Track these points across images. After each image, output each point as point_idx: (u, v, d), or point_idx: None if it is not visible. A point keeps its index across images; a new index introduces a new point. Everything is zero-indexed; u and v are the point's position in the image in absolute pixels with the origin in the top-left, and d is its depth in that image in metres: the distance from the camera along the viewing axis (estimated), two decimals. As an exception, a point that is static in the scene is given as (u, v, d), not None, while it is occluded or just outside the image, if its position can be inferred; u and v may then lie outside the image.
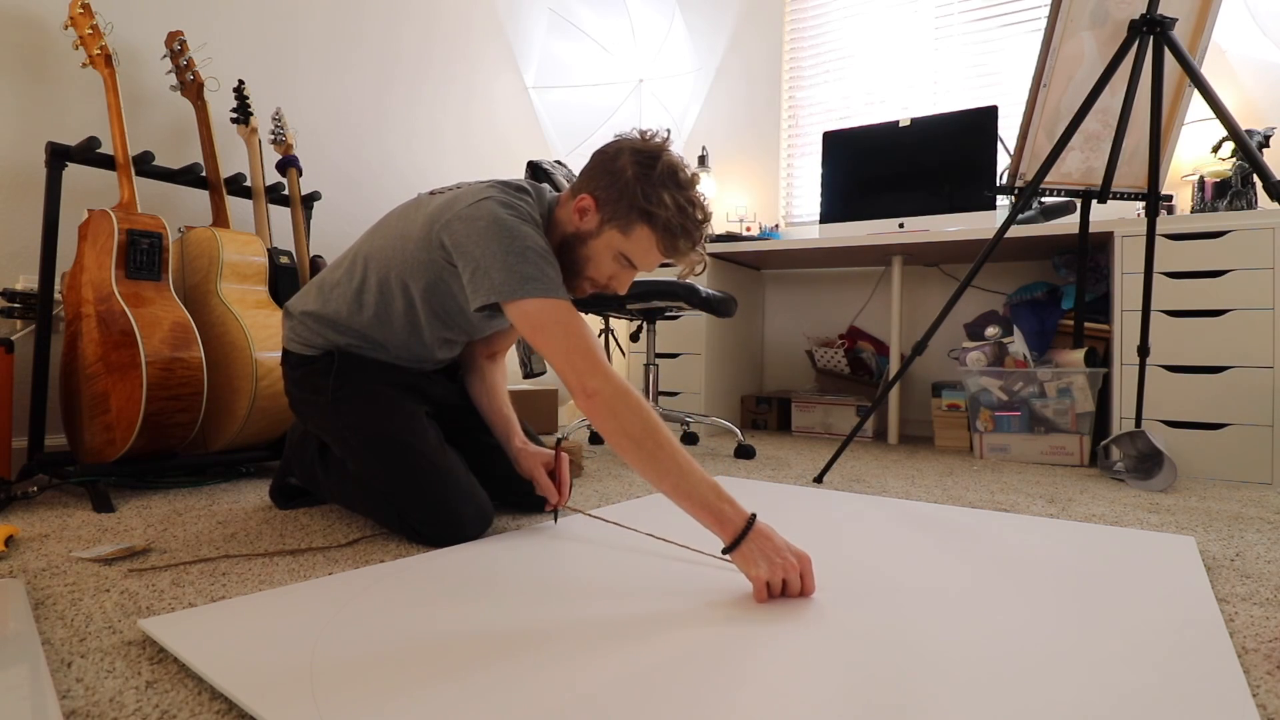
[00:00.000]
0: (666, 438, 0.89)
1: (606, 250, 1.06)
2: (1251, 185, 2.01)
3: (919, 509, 1.38)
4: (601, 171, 1.05)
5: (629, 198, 1.02)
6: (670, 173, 1.02)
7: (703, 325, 2.62)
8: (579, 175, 1.10)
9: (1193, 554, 1.07)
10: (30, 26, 1.63)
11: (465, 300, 1.11)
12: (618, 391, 0.91)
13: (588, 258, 1.08)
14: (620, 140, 1.07)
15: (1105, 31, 1.72)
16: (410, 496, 1.10)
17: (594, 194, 1.05)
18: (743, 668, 0.65)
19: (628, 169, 1.03)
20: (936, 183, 2.50)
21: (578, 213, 1.06)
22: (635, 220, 1.03)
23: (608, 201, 1.04)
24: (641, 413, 0.90)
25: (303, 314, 1.22)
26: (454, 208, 1.04)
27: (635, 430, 0.89)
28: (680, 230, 1.03)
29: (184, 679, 0.63)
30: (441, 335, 1.20)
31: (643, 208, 1.01)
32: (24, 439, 1.53)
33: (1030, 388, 2.12)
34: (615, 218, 1.04)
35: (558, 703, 0.58)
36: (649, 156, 1.03)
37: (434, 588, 0.86)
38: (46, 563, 0.96)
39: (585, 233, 1.07)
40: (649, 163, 1.02)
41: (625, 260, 1.06)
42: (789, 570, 0.83)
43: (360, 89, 2.39)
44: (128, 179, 1.55)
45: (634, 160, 1.03)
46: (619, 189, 1.02)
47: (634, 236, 1.04)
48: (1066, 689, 0.62)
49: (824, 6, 3.03)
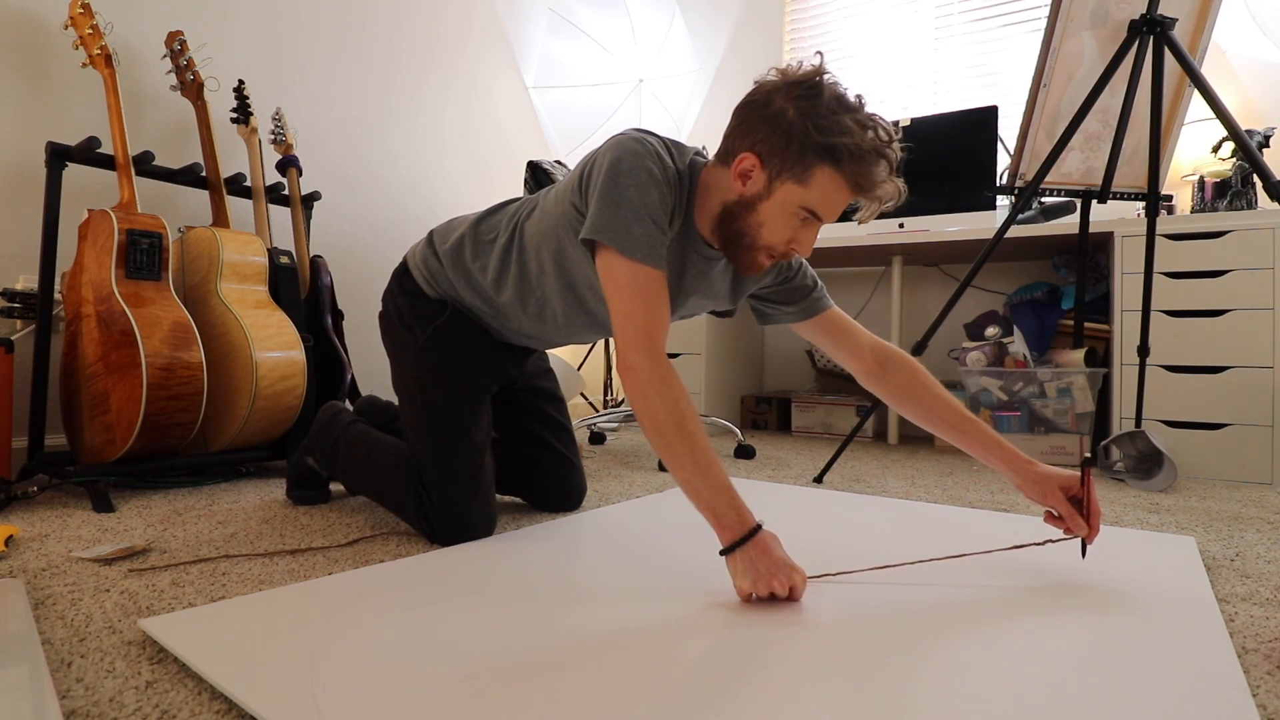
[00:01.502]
0: (692, 431, 0.84)
1: (782, 209, 0.90)
2: (1251, 185, 2.01)
3: (919, 509, 1.38)
4: (757, 122, 0.89)
5: (800, 140, 0.86)
6: (837, 98, 0.87)
7: (703, 325, 2.62)
8: (726, 136, 0.94)
9: (1193, 554, 1.07)
10: (30, 26, 1.63)
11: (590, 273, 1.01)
12: (655, 374, 0.86)
13: (760, 224, 0.92)
14: (763, 83, 0.91)
15: (1105, 31, 1.72)
16: (437, 477, 1.10)
17: (755, 150, 0.89)
18: (742, 669, 0.65)
19: (788, 109, 0.87)
20: (936, 183, 2.50)
21: (739, 177, 0.91)
22: (814, 163, 0.86)
23: (774, 152, 0.88)
24: (672, 401, 0.85)
25: (447, 252, 1.16)
26: (599, 152, 0.95)
27: (660, 416, 0.85)
28: (873, 154, 0.87)
29: (184, 679, 0.63)
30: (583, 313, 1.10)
31: (820, 143, 0.85)
32: (24, 439, 1.53)
33: (1030, 388, 2.12)
34: (787, 168, 0.88)
35: (559, 703, 0.58)
36: (807, 88, 0.87)
37: (434, 588, 0.86)
38: (46, 563, 0.96)
39: (752, 197, 0.91)
40: (811, 94, 0.87)
41: (808, 214, 0.90)
42: (775, 588, 0.80)
43: (360, 89, 2.39)
44: (128, 179, 1.55)
45: (791, 97, 0.88)
46: (784, 134, 0.87)
47: (815, 182, 0.87)
48: (1067, 689, 0.62)
49: (824, 6, 3.03)
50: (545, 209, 1.05)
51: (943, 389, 1.08)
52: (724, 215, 0.94)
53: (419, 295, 1.19)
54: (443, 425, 1.13)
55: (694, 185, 0.97)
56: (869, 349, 1.12)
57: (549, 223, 1.03)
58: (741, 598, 0.82)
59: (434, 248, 1.19)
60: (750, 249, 0.94)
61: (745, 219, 0.92)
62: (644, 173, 0.89)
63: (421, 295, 1.19)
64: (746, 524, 0.83)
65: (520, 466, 1.34)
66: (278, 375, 1.58)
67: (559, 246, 1.03)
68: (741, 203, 0.92)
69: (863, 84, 2.95)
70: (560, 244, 1.03)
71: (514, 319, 1.15)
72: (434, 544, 1.10)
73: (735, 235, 0.94)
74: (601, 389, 3.18)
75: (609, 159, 0.91)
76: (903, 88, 2.87)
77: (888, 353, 1.11)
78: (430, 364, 1.16)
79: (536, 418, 1.34)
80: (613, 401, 3.14)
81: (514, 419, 1.34)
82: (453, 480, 1.10)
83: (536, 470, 1.33)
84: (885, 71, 2.90)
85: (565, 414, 1.39)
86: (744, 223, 0.93)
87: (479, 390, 1.18)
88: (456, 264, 1.15)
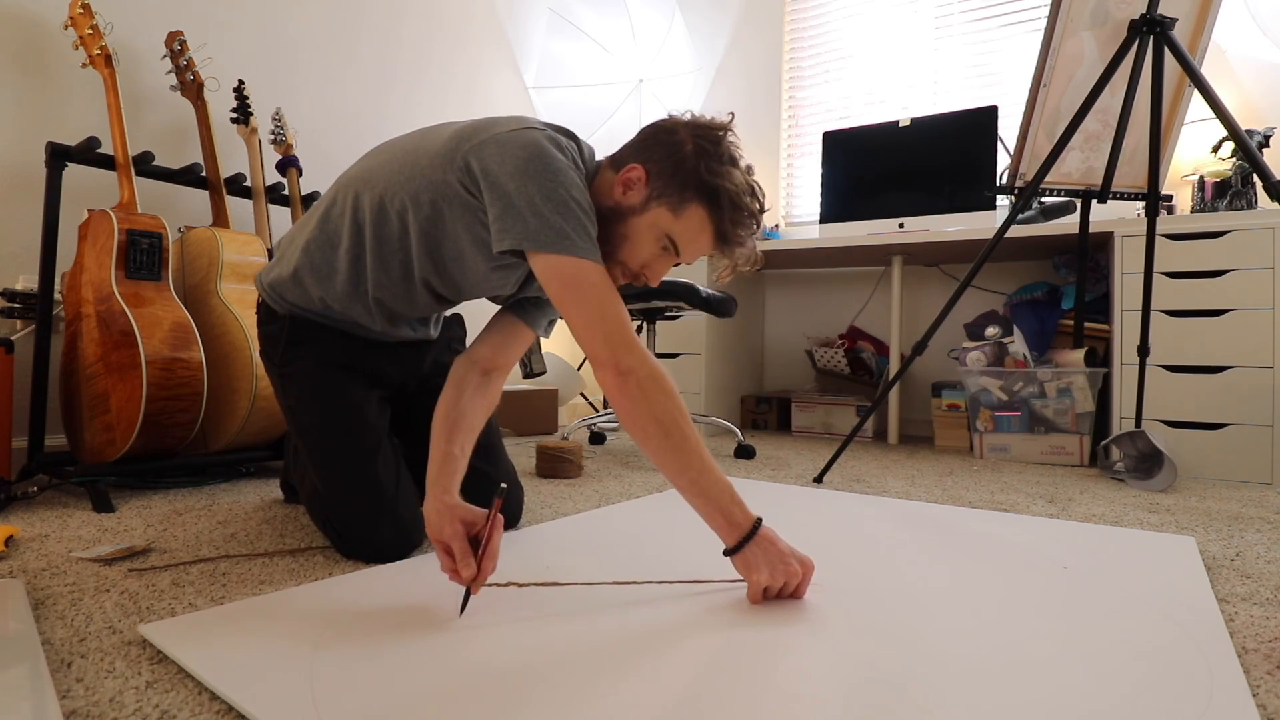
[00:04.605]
0: (693, 430, 0.85)
1: (650, 230, 0.91)
2: (1251, 185, 2.01)
3: (919, 509, 1.38)
4: (655, 143, 0.92)
5: (688, 171, 0.89)
6: (733, 156, 0.91)
7: (703, 325, 2.62)
8: (624, 147, 0.95)
9: (1193, 554, 1.07)
10: (30, 26, 1.63)
11: (469, 244, 0.96)
12: (654, 373, 0.84)
13: (625, 237, 0.92)
14: (675, 117, 0.95)
15: (1105, 31, 1.72)
16: (331, 498, 1.02)
17: (646, 165, 0.91)
18: (741, 669, 0.65)
19: (687, 143, 0.90)
20: (936, 183, 2.50)
21: (622, 185, 0.92)
22: (691, 197, 0.89)
23: (661, 174, 0.90)
24: (675, 400, 0.84)
25: (285, 259, 1.08)
26: (490, 130, 0.90)
27: (665, 417, 0.83)
28: (743, 215, 0.90)
29: (184, 679, 0.63)
30: (431, 286, 1.03)
31: (704, 181, 0.88)
32: (24, 439, 1.53)
33: (1030, 388, 2.12)
34: (667, 193, 0.89)
35: (560, 704, 0.58)
36: (712, 133, 0.91)
37: (434, 590, 0.86)
38: (46, 563, 0.96)
39: (628, 208, 0.91)
40: (713, 139, 0.91)
41: (669, 244, 0.91)
42: (790, 577, 0.82)
43: (360, 88, 2.39)
44: (128, 179, 1.55)
45: (694, 135, 0.91)
46: (676, 162, 0.89)
47: (686, 216, 0.90)
48: (1067, 689, 0.62)
49: (824, 6, 3.03)
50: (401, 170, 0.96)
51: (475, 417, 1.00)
52: (598, 218, 0.92)
53: (270, 318, 1.10)
54: (320, 449, 1.04)
55: (593, 179, 0.96)
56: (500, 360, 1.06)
57: (417, 185, 0.95)
58: (755, 595, 0.82)
59: (272, 268, 1.10)
60: (609, 260, 0.92)
61: (615, 227, 0.92)
62: (576, 171, 0.89)
63: (272, 317, 1.10)
64: (749, 519, 0.84)
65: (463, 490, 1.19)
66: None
67: (433, 213, 0.95)
68: (616, 210, 0.92)
69: (863, 84, 2.95)
70: (436, 210, 0.95)
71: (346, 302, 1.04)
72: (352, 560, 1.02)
73: (601, 241, 0.91)
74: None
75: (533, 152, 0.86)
76: (903, 88, 2.87)
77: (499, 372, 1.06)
78: (292, 387, 1.08)
79: None
80: (613, 401, 3.13)
81: (413, 428, 1.18)
82: (347, 504, 1.01)
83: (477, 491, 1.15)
84: (885, 71, 2.90)
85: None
86: (612, 231, 0.92)
87: (351, 395, 1.06)
88: (292, 267, 1.06)
